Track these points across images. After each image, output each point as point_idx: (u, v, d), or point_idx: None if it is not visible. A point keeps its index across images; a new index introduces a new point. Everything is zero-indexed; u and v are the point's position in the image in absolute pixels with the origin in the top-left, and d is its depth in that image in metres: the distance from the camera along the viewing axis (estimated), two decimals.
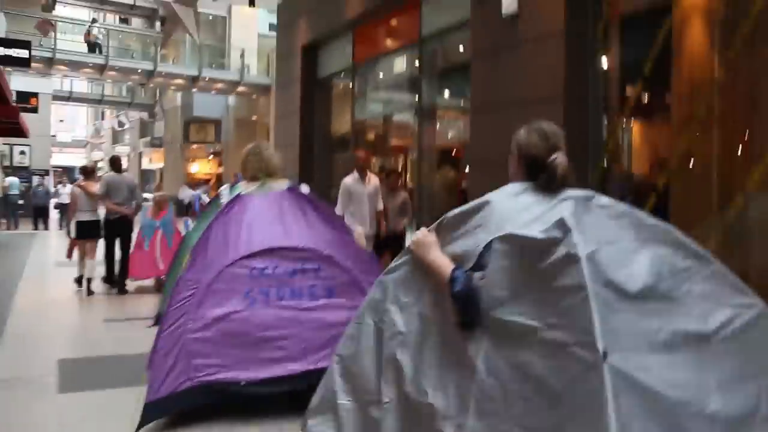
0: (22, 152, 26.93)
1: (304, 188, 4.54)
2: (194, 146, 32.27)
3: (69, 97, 35.11)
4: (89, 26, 26.27)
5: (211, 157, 33.37)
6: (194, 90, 28.63)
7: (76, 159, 46.40)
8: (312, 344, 3.99)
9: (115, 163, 9.14)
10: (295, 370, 3.93)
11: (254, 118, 30.96)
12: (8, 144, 25.49)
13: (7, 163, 25.49)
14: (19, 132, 15.83)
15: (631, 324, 1.75)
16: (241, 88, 27.79)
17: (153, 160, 38.24)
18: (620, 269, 1.84)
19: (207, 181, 25.49)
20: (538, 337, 1.80)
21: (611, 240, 1.93)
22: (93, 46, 25.50)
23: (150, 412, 3.75)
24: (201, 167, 33.28)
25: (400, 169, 10.00)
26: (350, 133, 11.16)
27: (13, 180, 20.25)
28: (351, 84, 10.86)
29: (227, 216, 4.24)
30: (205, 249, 4.14)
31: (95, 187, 8.80)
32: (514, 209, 2.08)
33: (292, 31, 12.72)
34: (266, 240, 4.09)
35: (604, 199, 2.11)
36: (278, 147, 13.70)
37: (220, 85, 27.52)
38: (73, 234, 9.23)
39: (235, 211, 4.24)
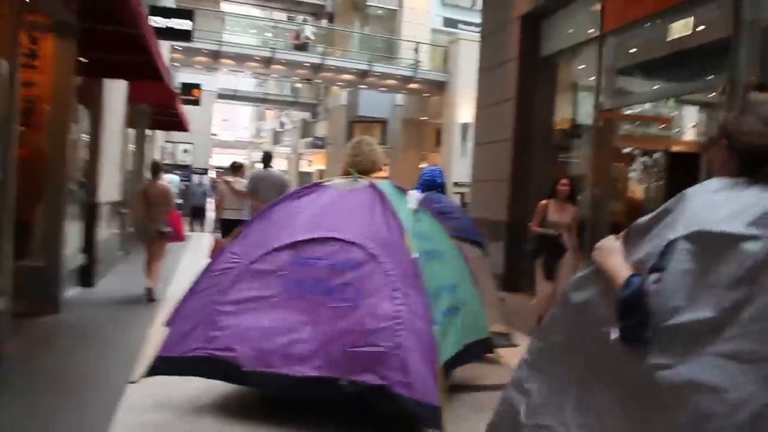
0: (186, 150, 26.62)
1: (413, 196, 4.41)
2: None
3: (233, 96, 34.97)
4: (300, 26, 25.67)
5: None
6: (362, 87, 27.08)
7: (238, 159, 46.88)
8: (326, 350, 3.65)
9: (265, 158, 8.87)
10: (302, 374, 3.62)
11: (424, 118, 28.98)
12: (171, 142, 25.15)
13: (170, 160, 25.12)
14: (180, 126, 14.57)
15: None
16: (412, 85, 25.91)
17: (313, 162, 37.41)
18: None
19: None
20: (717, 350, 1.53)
21: None
22: (302, 48, 24.94)
23: (159, 366, 3.83)
24: None
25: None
26: (590, 126, 8.48)
27: (172, 178, 19.03)
28: (597, 60, 8.15)
29: (295, 201, 4.23)
30: (260, 227, 4.13)
31: (241, 184, 8.67)
32: (713, 204, 1.72)
33: (503, 1, 10.24)
34: (320, 229, 3.95)
35: None
36: (479, 145, 11.33)
37: (390, 81, 25.76)
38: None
39: (305, 197, 4.23)
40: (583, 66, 8.98)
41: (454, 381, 4.39)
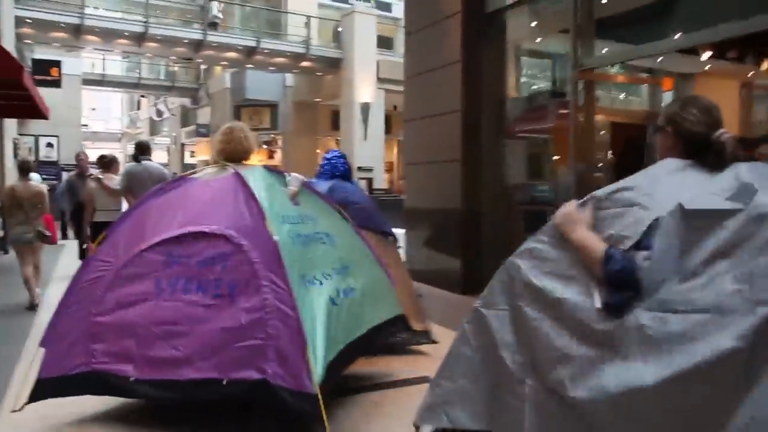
0: (50, 144, 23.36)
1: (295, 178, 4.31)
2: None
3: (101, 81, 31.51)
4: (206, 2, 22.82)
5: (262, 146, 29.50)
6: (248, 66, 24.75)
7: (111, 152, 42.96)
8: (206, 350, 3.55)
9: (140, 149, 7.75)
10: (187, 377, 3.52)
11: (318, 99, 27.02)
12: (32, 135, 21.90)
13: (32, 157, 21.80)
14: (36, 112, 11.96)
15: None
16: (304, 63, 23.86)
17: (197, 152, 34.57)
18: None
19: None
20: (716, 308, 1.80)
21: None
22: (212, 26, 22.54)
23: (41, 389, 3.74)
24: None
25: None
26: (566, 90, 6.95)
27: (33, 176, 15.65)
28: (573, 7, 6.59)
29: (160, 197, 4.13)
30: (127, 228, 4.05)
31: (115, 181, 7.85)
32: (681, 184, 2.02)
33: None
34: (187, 225, 3.84)
35: None
36: (411, 121, 9.60)
37: (280, 59, 23.56)
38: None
39: (170, 192, 4.15)
40: (555, 14, 7.43)
41: (361, 374, 4.58)
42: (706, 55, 6.67)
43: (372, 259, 4.59)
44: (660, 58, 7.29)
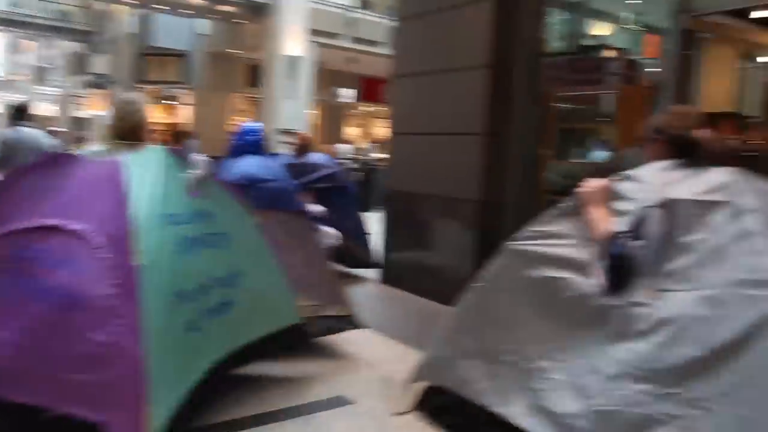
0: None
1: (199, 162, 3.80)
2: (150, 88, 25.17)
3: None
4: None
5: (165, 102, 26.57)
6: (155, 7, 21.73)
7: None
8: (30, 370, 3.09)
9: (18, 112, 6.93)
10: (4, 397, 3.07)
11: (235, 51, 24.23)
12: None
13: None
14: None
15: None
16: (224, 7, 21.05)
17: (91, 106, 30.97)
18: None
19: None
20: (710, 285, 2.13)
21: None
22: None
23: None
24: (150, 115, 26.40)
25: None
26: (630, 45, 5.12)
27: None
28: None
29: (29, 176, 3.61)
30: None
31: None
32: (670, 179, 2.33)
33: None
34: (47, 216, 3.34)
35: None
36: (404, 77, 7.50)
37: (195, 1, 20.66)
38: None
39: (44, 171, 3.61)
40: None
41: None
42: None
43: (271, 261, 4.21)
44: None
